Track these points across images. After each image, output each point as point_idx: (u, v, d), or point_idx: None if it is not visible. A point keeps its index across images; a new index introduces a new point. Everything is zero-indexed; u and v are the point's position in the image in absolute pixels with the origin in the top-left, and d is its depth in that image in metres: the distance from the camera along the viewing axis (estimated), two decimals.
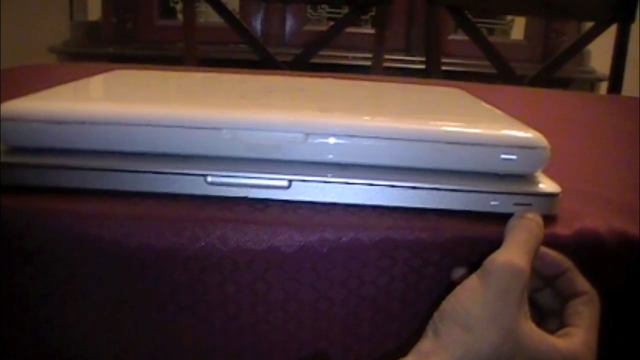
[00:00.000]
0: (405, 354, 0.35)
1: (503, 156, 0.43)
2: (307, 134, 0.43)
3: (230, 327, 0.42)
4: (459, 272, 0.40)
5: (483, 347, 0.34)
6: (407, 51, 2.09)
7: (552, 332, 0.37)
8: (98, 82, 0.59)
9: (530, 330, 0.35)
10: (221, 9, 1.49)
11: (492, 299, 0.35)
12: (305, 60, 1.51)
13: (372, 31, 1.55)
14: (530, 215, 0.40)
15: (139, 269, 0.41)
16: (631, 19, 1.37)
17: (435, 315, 0.36)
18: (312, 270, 0.41)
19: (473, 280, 0.36)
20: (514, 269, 0.35)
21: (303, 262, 0.41)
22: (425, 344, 0.35)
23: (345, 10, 1.59)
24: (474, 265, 0.38)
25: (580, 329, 0.37)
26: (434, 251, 0.41)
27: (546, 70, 1.46)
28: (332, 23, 1.62)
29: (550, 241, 0.41)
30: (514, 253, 0.36)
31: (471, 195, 0.43)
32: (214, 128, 0.43)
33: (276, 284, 0.41)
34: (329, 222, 0.41)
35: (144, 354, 0.42)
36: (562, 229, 0.42)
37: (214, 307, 0.42)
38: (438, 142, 0.42)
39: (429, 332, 0.35)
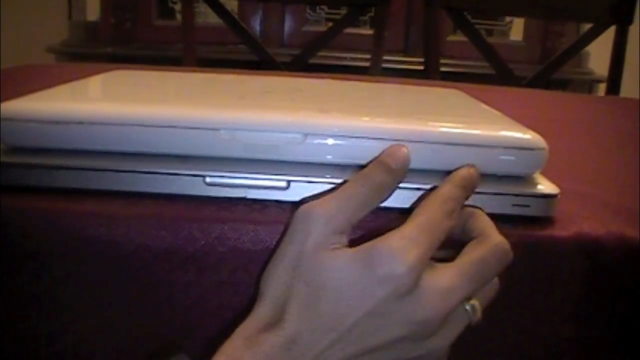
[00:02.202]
0: None
1: (501, 157, 0.43)
2: (306, 135, 0.43)
3: (226, 331, 0.42)
4: None
5: (272, 291, 0.36)
6: (406, 52, 2.10)
7: None
8: (97, 83, 0.59)
9: (331, 256, 0.35)
10: (220, 10, 1.49)
11: (280, 246, 0.37)
12: (304, 61, 1.51)
13: (370, 32, 1.55)
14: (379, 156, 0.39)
15: (137, 270, 0.41)
16: (630, 20, 1.37)
17: None
18: None
19: None
20: (298, 214, 0.36)
21: None
22: None
23: (344, 11, 1.59)
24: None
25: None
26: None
27: (545, 72, 1.46)
28: (331, 24, 1.62)
29: (548, 243, 0.41)
30: (315, 200, 0.37)
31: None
32: (212, 128, 0.43)
33: None
34: None
35: (141, 354, 0.42)
36: (560, 231, 0.42)
37: (210, 309, 0.42)
38: (436, 143, 0.42)
39: None
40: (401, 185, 0.42)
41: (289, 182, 0.43)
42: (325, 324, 0.35)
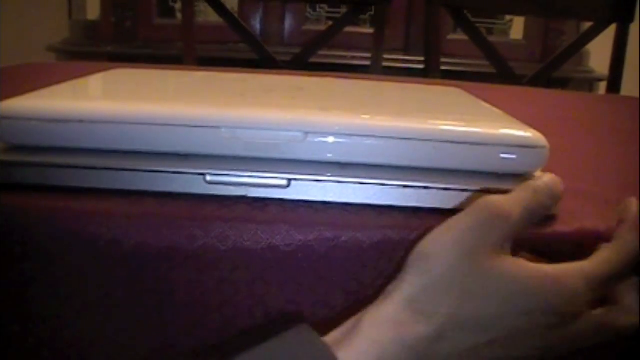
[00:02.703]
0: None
1: (502, 155, 0.43)
2: (306, 133, 0.43)
3: (227, 330, 0.42)
4: None
5: (437, 270, 0.35)
6: (406, 51, 2.09)
7: None
8: (97, 81, 0.59)
9: (503, 262, 0.36)
10: (220, 8, 1.49)
11: (458, 229, 0.36)
12: (304, 59, 1.51)
13: (371, 31, 1.55)
14: (545, 179, 0.39)
15: (137, 268, 0.41)
16: (630, 19, 1.37)
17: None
18: (311, 271, 0.41)
19: (452, 219, 0.37)
20: (493, 208, 0.36)
21: (302, 261, 0.41)
22: (392, 283, 0.36)
23: (345, 9, 1.59)
24: None
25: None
26: None
27: (545, 70, 1.46)
28: (331, 22, 1.62)
29: (550, 240, 0.41)
30: (503, 199, 0.37)
31: (471, 194, 0.43)
32: (212, 127, 0.43)
33: (274, 285, 0.41)
34: (328, 221, 0.41)
35: (141, 353, 0.42)
36: (562, 228, 0.42)
37: (211, 308, 0.41)
38: (437, 141, 0.42)
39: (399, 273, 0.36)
40: (400, 184, 0.42)
41: (289, 180, 0.43)
42: (475, 326, 0.35)
